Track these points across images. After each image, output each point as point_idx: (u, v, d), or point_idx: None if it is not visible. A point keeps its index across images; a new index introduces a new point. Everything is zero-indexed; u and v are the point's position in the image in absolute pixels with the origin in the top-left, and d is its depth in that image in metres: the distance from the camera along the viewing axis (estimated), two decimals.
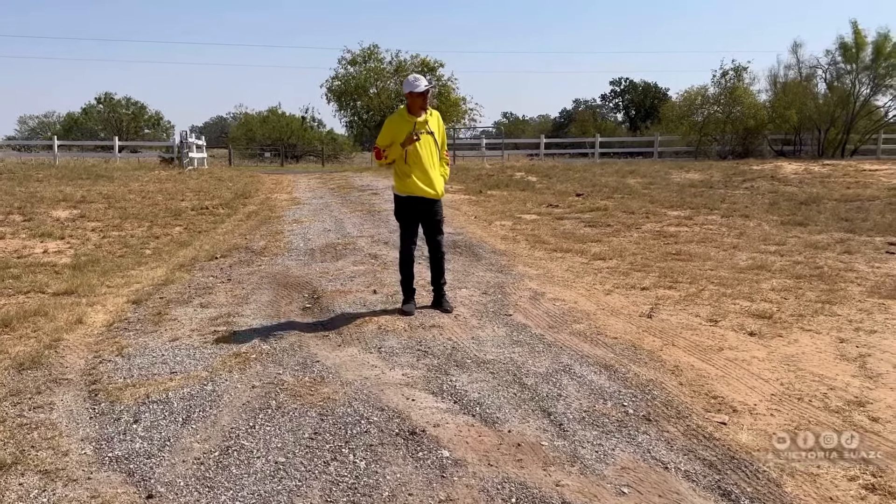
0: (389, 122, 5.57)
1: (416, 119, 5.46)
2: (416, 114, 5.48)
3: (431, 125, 5.57)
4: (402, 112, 5.57)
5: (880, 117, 29.34)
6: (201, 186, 16.51)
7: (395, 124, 5.51)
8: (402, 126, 5.48)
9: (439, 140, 5.66)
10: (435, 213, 5.65)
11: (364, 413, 3.59)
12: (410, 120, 5.46)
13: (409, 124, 5.45)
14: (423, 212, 5.60)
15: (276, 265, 7.68)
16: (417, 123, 5.46)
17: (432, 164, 5.54)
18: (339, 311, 5.67)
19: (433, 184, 5.54)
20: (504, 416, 3.57)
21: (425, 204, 5.56)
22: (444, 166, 5.77)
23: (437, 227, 5.70)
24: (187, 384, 4.08)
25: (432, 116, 5.61)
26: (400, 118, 5.53)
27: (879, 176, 17.57)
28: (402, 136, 5.42)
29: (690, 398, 3.91)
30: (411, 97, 5.45)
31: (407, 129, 5.43)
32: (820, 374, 4.36)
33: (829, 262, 7.82)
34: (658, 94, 67.97)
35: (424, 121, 5.51)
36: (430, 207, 5.59)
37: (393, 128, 5.51)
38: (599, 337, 5.03)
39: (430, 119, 5.58)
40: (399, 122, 5.51)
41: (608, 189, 15.75)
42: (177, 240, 9.77)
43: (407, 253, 5.69)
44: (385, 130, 5.55)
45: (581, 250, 8.66)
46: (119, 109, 54.64)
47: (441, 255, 5.78)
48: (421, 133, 5.45)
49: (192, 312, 5.73)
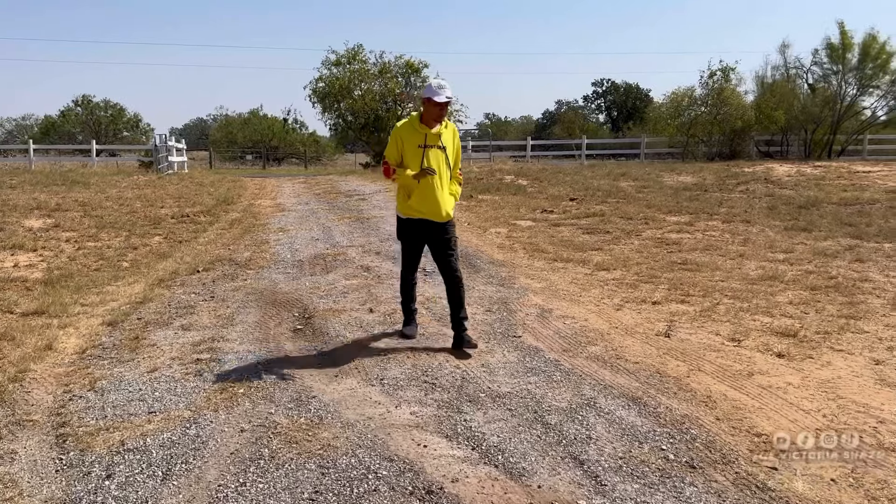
0: (398, 131, 4.86)
1: (429, 131, 4.80)
2: (429, 125, 4.81)
3: (445, 139, 4.89)
4: (413, 120, 4.87)
5: (866, 118, 29.30)
6: (181, 192, 15.94)
7: (404, 134, 4.83)
8: (412, 137, 4.80)
9: (452, 156, 4.98)
10: (444, 234, 4.91)
11: (371, 464, 3.15)
12: (422, 131, 4.80)
13: (420, 136, 4.79)
14: (430, 235, 4.92)
15: (263, 279, 7.20)
16: (429, 136, 4.80)
17: (440, 184, 4.86)
18: (333, 334, 5.22)
19: (441, 205, 4.85)
20: (531, 467, 3.14)
21: (431, 227, 4.90)
22: (456, 185, 5.10)
23: (448, 251, 4.93)
24: (167, 427, 3.62)
25: (447, 129, 4.93)
26: (410, 127, 4.84)
27: (874, 178, 17.38)
28: (411, 148, 4.79)
29: (732, 437, 3.51)
30: (429, 105, 4.75)
31: (417, 141, 4.79)
32: (864, 403, 3.99)
33: (843, 271, 7.50)
34: (640, 95, 68.08)
35: (438, 133, 4.84)
36: (438, 230, 4.90)
37: (402, 138, 4.83)
38: (619, 362, 4.63)
39: (445, 132, 4.90)
40: (409, 133, 4.82)
41: (602, 193, 15.39)
42: (156, 251, 9.26)
43: (407, 282, 5.12)
44: (393, 141, 4.88)
45: (582, 259, 8.28)
46: (97, 112, 53.65)
47: (458, 282, 4.94)
48: (431, 148, 4.80)
49: (173, 336, 5.26)
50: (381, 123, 32.51)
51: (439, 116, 4.78)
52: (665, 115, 31.81)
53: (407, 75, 33.21)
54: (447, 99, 4.72)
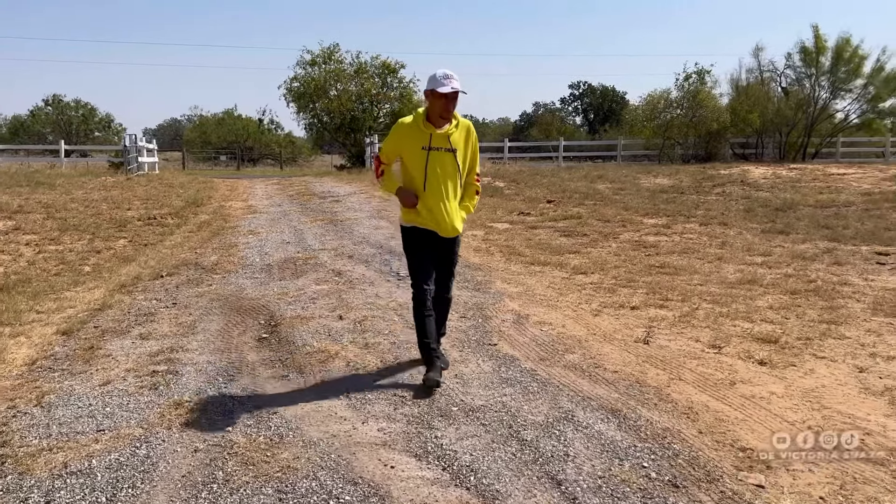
0: (398, 129, 4.18)
1: (435, 130, 4.09)
2: (436, 123, 4.09)
3: (455, 140, 4.14)
4: (417, 118, 4.14)
5: (839, 121, 29.59)
6: (150, 194, 15.56)
7: (404, 134, 4.14)
8: (415, 137, 4.10)
9: (465, 160, 4.23)
10: (448, 252, 4.31)
11: (333, 489, 2.92)
12: (427, 130, 4.08)
13: (424, 136, 4.08)
14: (436, 247, 4.25)
15: (229, 285, 6.94)
16: (435, 136, 4.08)
17: (447, 192, 4.14)
18: (300, 343, 4.98)
19: (448, 218, 4.15)
20: (505, 489, 2.94)
21: (436, 240, 4.22)
22: (472, 196, 4.38)
23: (448, 269, 4.40)
24: (116, 447, 3.36)
25: (458, 129, 4.17)
26: (414, 126, 4.13)
27: (849, 180, 17.47)
28: (414, 150, 4.10)
29: (716, 452, 3.34)
30: (433, 99, 4.03)
31: (421, 142, 4.08)
32: (849, 413, 3.85)
33: (821, 274, 7.41)
34: (616, 97, 68.40)
35: (446, 134, 4.10)
36: (443, 245, 4.25)
37: (402, 138, 4.15)
38: (598, 371, 4.45)
39: (455, 132, 4.15)
40: (412, 132, 4.12)
41: (579, 195, 15.28)
42: (120, 254, 8.94)
43: (422, 298, 4.22)
44: (391, 138, 4.23)
45: (560, 263, 8.12)
46: (68, 112, 52.71)
47: (447, 303, 4.50)
48: (437, 151, 4.09)
49: (130, 346, 4.99)
50: (358, 124, 32.26)
51: (446, 112, 4.06)
52: (641, 117, 31.91)
53: (383, 76, 32.98)
54: (454, 90, 3.98)
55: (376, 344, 4.96)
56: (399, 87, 33.33)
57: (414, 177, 4.14)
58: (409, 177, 4.19)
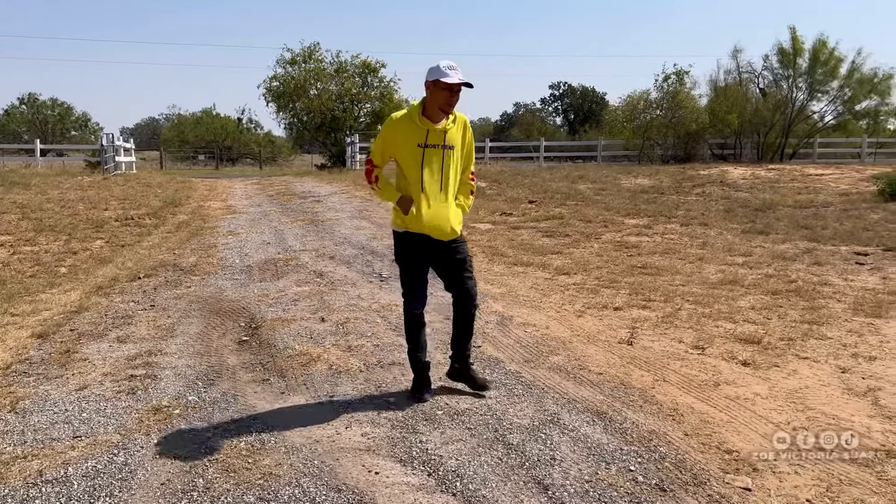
0: (392, 125, 3.85)
1: (432, 126, 3.79)
2: (433, 117, 3.79)
3: (452, 137, 3.86)
4: (413, 112, 3.82)
5: (816, 122, 29.95)
6: (127, 194, 15.34)
7: (398, 130, 3.82)
8: (410, 133, 3.79)
9: (462, 158, 3.98)
10: (454, 254, 3.94)
11: (316, 496, 2.86)
12: (423, 126, 3.79)
13: (420, 132, 3.78)
14: (435, 255, 3.93)
15: (208, 286, 6.83)
16: (432, 132, 3.78)
17: (446, 193, 3.86)
18: (281, 346, 4.90)
19: (445, 219, 3.85)
20: (492, 495, 2.89)
21: (435, 245, 3.90)
22: (468, 195, 4.10)
23: (461, 270, 3.96)
24: (93, 454, 3.28)
25: (456, 124, 3.89)
26: (408, 121, 3.81)
27: (827, 181, 17.66)
28: (408, 147, 3.79)
29: (702, 454, 3.32)
30: (436, 90, 3.71)
31: (416, 139, 3.78)
32: (833, 414, 3.85)
33: (802, 274, 7.46)
34: (596, 98, 68.76)
35: (443, 129, 3.82)
36: (444, 249, 3.92)
37: (395, 135, 3.83)
38: (582, 373, 4.42)
39: (452, 128, 3.86)
40: (406, 127, 3.81)
41: (560, 195, 15.30)
42: (97, 256, 8.79)
43: (413, 315, 4.02)
44: (382, 137, 3.89)
45: (542, 264, 8.10)
46: (44, 111, 52.01)
47: (473, 309, 4.05)
48: (433, 148, 3.81)
49: (107, 350, 4.89)
50: (338, 124, 32.11)
51: (449, 105, 3.75)
52: (621, 118, 32.09)
53: (364, 75, 32.84)
54: (461, 81, 3.69)
55: (359, 346, 4.90)
56: (380, 87, 33.23)
57: (408, 177, 3.83)
58: (402, 177, 3.88)
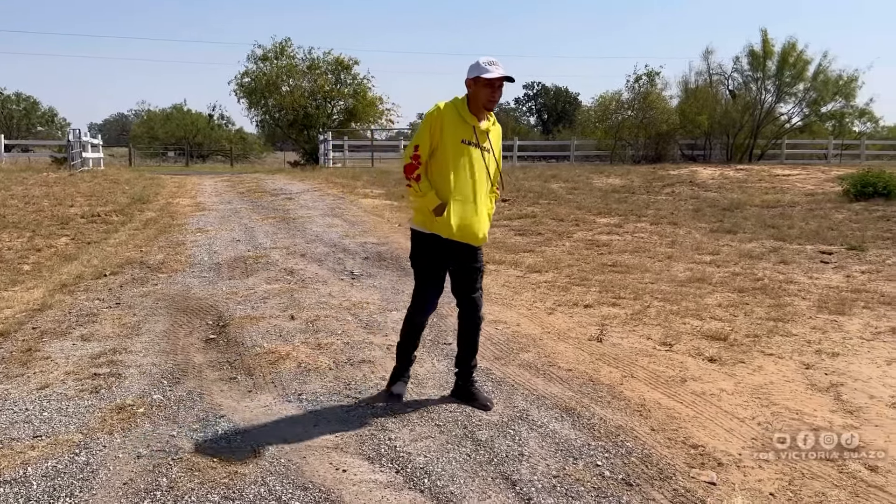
0: (439, 114, 3.55)
1: (477, 124, 3.61)
2: (478, 115, 3.61)
3: (494, 138, 3.75)
4: (460, 104, 3.60)
5: (783, 123, 30.46)
6: (94, 190, 15.07)
7: (448, 119, 3.55)
8: (458, 127, 3.57)
9: (496, 164, 3.78)
10: (473, 262, 3.73)
11: (282, 494, 2.83)
12: (470, 122, 3.59)
13: (467, 128, 3.58)
14: (458, 260, 3.69)
15: (176, 284, 6.74)
16: (478, 131, 3.61)
17: (481, 197, 3.66)
18: (249, 344, 4.85)
19: (478, 223, 3.63)
20: (460, 490, 2.89)
21: (461, 250, 3.66)
22: (493, 201, 3.90)
23: (475, 280, 3.77)
24: (53, 453, 3.21)
25: (495, 127, 3.76)
26: (456, 113, 3.57)
27: (794, 181, 17.96)
28: (453, 143, 3.55)
29: (668, 449, 3.36)
30: (477, 88, 3.54)
31: (463, 134, 3.57)
32: (797, 409, 3.92)
33: (768, 272, 7.58)
34: (569, 98, 69.14)
35: (486, 130, 3.66)
36: (469, 255, 3.70)
37: (444, 124, 3.54)
38: (552, 369, 4.44)
39: (493, 129, 3.74)
40: (454, 119, 3.56)
41: (533, 194, 15.37)
42: (62, 253, 8.63)
43: (418, 323, 3.86)
44: (428, 125, 3.57)
45: (514, 262, 8.13)
46: (9, 105, 50.98)
47: (479, 322, 3.84)
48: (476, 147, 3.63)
49: (70, 348, 4.79)
50: (311, 121, 31.91)
51: (493, 101, 3.58)
52: (593, 118, 32.36)
53: (337, 72, 32.68)
54: (502, 75, 3.52)
55: (329, 344, 4.86)
56: (353, 84, 33.09)
57: (443, 174, 3.57)
58: (434, 173, 3.61)
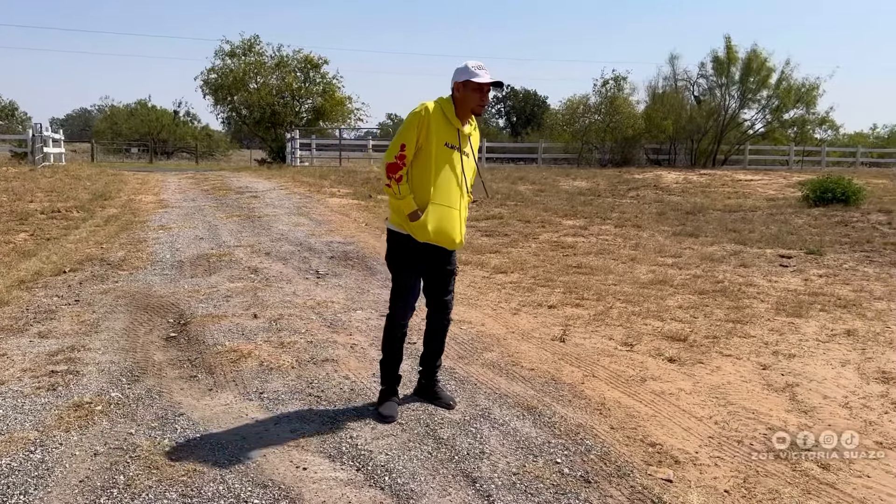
0: (429, 115, 3.46)
1: (461, 127, 3.55)
2: (464, 118, 3.55)
3: (474, 143, 3.71)
4: (446, 106, 3.52)
5: (746, 129, 31.05)
6: (55, 186, 14.76)
7: (434, 121, 3.47)
8: (444, 130, 3.50)
9: (473, 167, 3.72)
10: (448, 265, 3.71)
11: (241, 492, 2.81)
12: (455, 125, 3.53)
13: (452, 131, 3.52)
14: (434, 263, 3.66)
15: (137, 281, 6.64)
16: (461, 135, 3.56)
17: (459, 199, 3.59)
18: (210, 342, 4.80)
19: (454, 228, 3.57)
20: (420, 488, 2.90)
21: (438, 254, 3.62)
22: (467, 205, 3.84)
23: (448, 283, 3.76)
24: (8, 451, 3.15)
25: (475, 132, 3.73)
26: (441, 115, 3.50)
27: (755, 186, 18.33)
28: (437, 144, 3.47)
29: (627, 447, 3.41)
30: (465, 91, 3.47)
31: (446, 137, 3.50)
32: (753, 409, 4.01)
33: (728, 275, 7.72)
34: (538, 101, 69.60)
35: (468, 135, 3.62)
36: (445, 259, 3.67)
37: (430, 124, 3.46)
38: (515, 369, 4.48)
39: (474, 134, 3.71)
40: (441, 122, 3.49)
41: (500, 196, 15.44)
42: (20, 249, 8.43)
43: (399, 326, 3.75)
44: (413, 125, 3.46)
45: (480, 262, 8.17)
46: None
47: (447, 324, 3.88)
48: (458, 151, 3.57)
49: (27, 345, 4.70)
50: (279, 119, 31.64)
51: (481, 106, 3.52)
52: (561, 121, 32.57)
53: (306, 70, 32.44)
54: (491, 80, 3.46)
55: (292, 343, 4.84)
56: (322, 83, 32.88)
57: (422, 176, 3.49)
58: (417, 176, 3.52)
